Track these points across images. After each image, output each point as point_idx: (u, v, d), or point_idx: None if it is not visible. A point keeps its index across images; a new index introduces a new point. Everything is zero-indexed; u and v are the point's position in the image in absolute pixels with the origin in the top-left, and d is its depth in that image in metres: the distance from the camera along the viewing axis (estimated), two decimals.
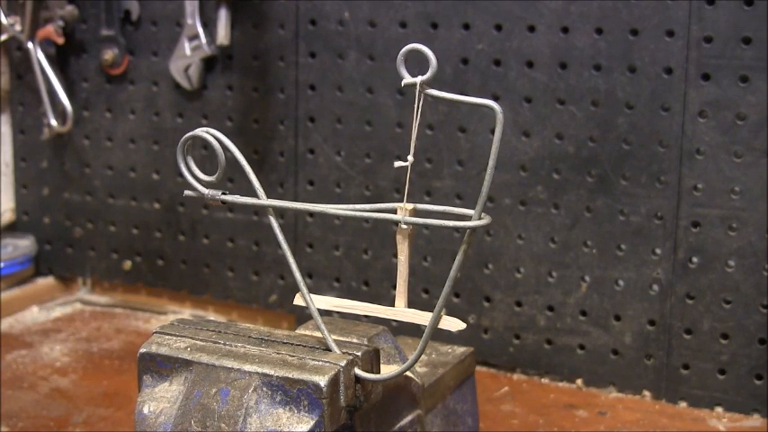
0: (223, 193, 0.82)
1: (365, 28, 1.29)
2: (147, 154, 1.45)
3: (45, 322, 1.44)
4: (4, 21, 1.43)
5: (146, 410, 0.80)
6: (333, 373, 0.75)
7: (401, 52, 0.73)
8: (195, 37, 1.37)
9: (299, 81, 1.34)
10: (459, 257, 0.74)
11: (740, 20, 1.11)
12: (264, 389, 0.76)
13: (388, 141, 1.30)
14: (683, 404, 1.20)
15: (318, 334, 0.82)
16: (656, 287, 1.19)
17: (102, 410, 1.16)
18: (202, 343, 0.81)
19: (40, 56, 1.43)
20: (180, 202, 1.45)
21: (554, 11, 1.19)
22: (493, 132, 0.73)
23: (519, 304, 1.27)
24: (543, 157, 1.22)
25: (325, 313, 0.83)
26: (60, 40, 1.43)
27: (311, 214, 1.36)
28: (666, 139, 1.17)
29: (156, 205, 1.46)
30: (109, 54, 1.43)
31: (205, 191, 0.82)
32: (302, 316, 1.33)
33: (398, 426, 0.88)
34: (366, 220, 1.30)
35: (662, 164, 1.17)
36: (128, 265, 1.50)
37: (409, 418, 0.89)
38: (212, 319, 1.45)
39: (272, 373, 0.76)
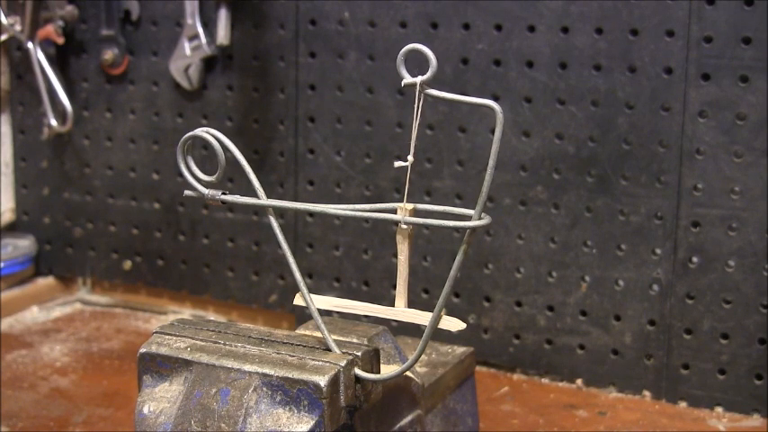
0: (223, 193, 0.81)
1: (365, 28, 1.29)
2: (147, 154, 1.45)
3: (45, 322, 1.44)
4: (4, 21, 1.43)
5: (146, 410, 0.80)
6: (333, 373, 0.75)
7: (401, 52, 0.73)
8: (195, 37, 1.37)
9: (299, 81, 1.34)
10: (459, 257, 0.74)
11: (740, 20, 1.11)
12: (264, 389, 0.76)
13: (388, 141, 1.30)
14: (683, 404, 1.20)
15: (318, 334, 0.82)
16: (656, 287, 1.19)
17: (102, 410, 1.16)
18: (202, 343, 0.81)
19: (40, 56, 1.43)
20: (180, 202, 1.45)
21: (554, 11, 1.19)
22: (493, 132, 0.73)
23: (519, 304, 1.26)
24: (543, 157, 1.22)
25: (325, 313, 0.83)
26: (60, 40, 1.43)
27: (311, 214, 1.36)
28: (666, 139, 1.17)
29: (156, 205, 1.46)
30: (109, 54, 1.43)
31: (205, 191, 0.82)
32: (302, 316, 1.33)
33: (398, 426, 0.88)
34: (366, 220, 1.30)
35: (662, 164, 1.17)
36: (128, 265, 1.50)
37: (409, 418, 0.89)
38: (212, 319, 1.45)
39: (272, 373, 0.76)
